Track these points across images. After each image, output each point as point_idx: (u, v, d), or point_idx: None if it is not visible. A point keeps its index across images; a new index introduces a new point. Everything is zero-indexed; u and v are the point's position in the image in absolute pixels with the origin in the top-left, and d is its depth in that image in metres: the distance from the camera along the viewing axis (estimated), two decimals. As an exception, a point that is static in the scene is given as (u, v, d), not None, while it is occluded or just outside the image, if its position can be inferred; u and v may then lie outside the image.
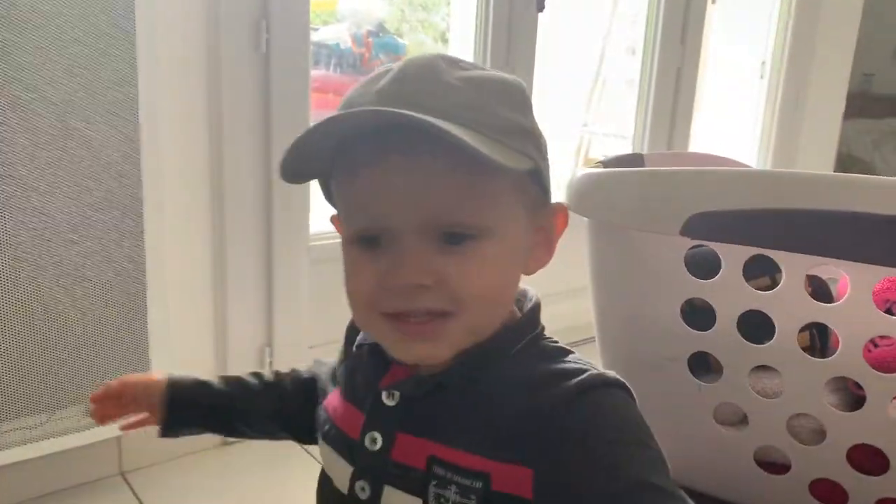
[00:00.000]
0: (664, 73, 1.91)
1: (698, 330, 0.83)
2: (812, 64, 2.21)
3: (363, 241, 0.53)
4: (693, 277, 0.81)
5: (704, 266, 0.82)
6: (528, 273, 0.59)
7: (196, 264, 1.46)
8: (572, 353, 0.57)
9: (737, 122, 2.25)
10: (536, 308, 0.59)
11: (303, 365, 0.72)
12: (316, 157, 0.54)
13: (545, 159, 0.57)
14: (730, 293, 0.79)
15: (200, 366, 1.54)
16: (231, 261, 1.45)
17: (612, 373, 0.54)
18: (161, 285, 1.27)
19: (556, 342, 0.59)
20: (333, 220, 0.62)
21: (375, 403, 0.58)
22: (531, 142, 0.55)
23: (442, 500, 0.55)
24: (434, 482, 0.55)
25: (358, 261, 0.54)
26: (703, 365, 0.86)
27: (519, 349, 0.56)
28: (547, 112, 2.00)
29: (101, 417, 0.68)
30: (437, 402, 0.57)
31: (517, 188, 0.55)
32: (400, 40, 2.30)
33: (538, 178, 0.57)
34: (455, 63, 0.56)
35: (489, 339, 0.55)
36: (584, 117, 2.76)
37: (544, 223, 0.58)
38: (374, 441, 0.57)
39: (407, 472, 0.56)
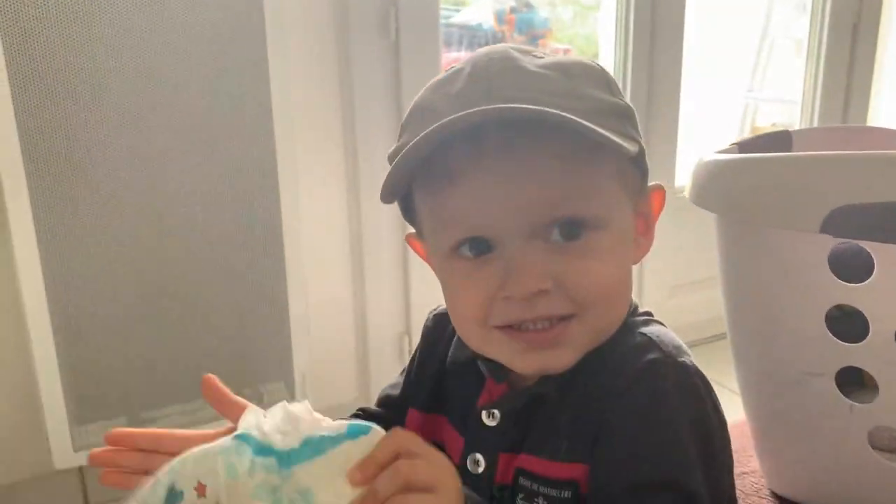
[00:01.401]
0: (837, 30, 1.69)
1: (848, 342, 0.71)
2: None
3: (471, 250, 0.51)
4: (840, 280, 0.69)
5: (855, 265, 0.70)
6: (634, 262, 0.55)
7: (335, 255, 1.51)
8: (650, 325, 0.54)
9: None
10: None
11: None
12: (405, 173, 0.52)
13: (641, 139, 0.54)
14: (885, 299, 0.67)
15: (341, 354, 1.58)
16: (368, 251, 1.47)
17: (681, 354, 0.51)
18: (300, 278, 1.31)
19: (645, 315, 0.56)
20: (410, 239, 0.60)
21: (476, 424, 0.56)
22: (629, 122, 0.52)
23: None
24: (521, 495, 0.53)
25: (463, 274, 0.52)
26: (854, 381, 0.74)
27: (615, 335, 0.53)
28: (707, 77, 1.85)
29: (103, 462, 0.51)
30: (535, 412, 0.54)
31: (620, 174, 0.52)
32: (542, 15, 2.22)
33: (640, 160, 0.53)
34: (528, 52, 0.52)
35: None
36: (749, 82, 2.54)
37: (644, 208, 0.55)
38: (477, 463, 0.55)
39: (503, 491, 0.54)
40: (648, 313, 0.57)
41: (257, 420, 0.42)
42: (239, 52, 1.11)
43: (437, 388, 0.61)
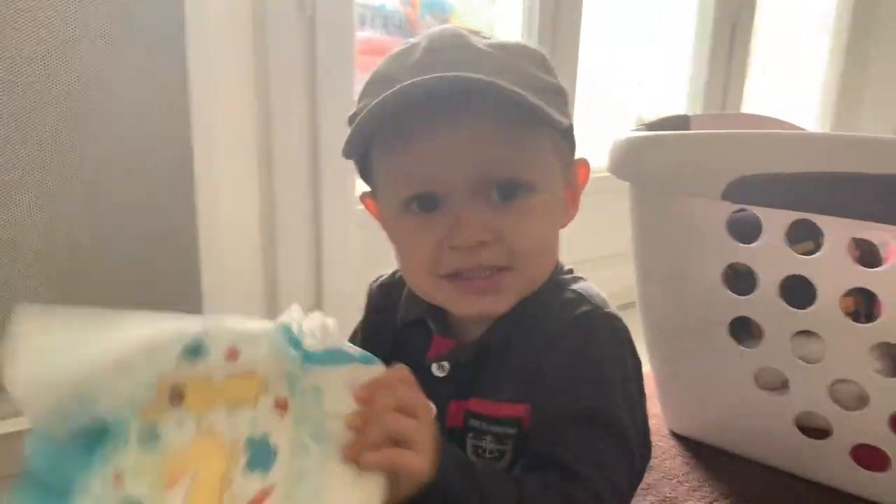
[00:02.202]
0: (720, 29, 1.86)
1: (740, 294, 0.82)
2: (877, 16, 2.11)
3: (419, 207, 0.56)
4: (735, 242, 0.80)
5: (748, 230, 0.81)
6: (562, 226, 0.62)
7: (246, 228, 1.50)
8: (578, 282, 0.61)
9: (796, 81, 2.18)
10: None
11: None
12: (364, 133, 0.56)
13: (571, 116, 0.60)
14: (772, 258, 0.79)
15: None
16: (280, 224, 1.48)
17: (607, 306, 0.58)
18: (213, 250, 1.31)
19: (570, 272, 0.63)
20: (364, 198, 0.64)
21: (426, 376, 0.60)
22: (562, 99, 0.58)
23: (479, 450, 0.58)
24: (470, 434, 0.59)
25: (413, 228, 0.57)
26: (744, 330, 0.86)
27: (543, 290, 0.60)
28: (598, 70, 1.96)
29: None
30: (480, 363, 0.60)
31: (554, 145, 0.58)
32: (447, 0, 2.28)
33: (570, 135, 0.60)
34: (475, 32, 0.58)
35: None
36: (639, 76, 2.69)
37: (572, 179, 0.62)
38: None
39: (452, 434, 0.59)
40: (571, 271, 0.64)
41: (299, 318, 0.45)
42: (153, 16, 1.10)
43: (393, 354, 0.65)
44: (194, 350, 0.44)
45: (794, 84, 2.19)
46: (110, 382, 0.43)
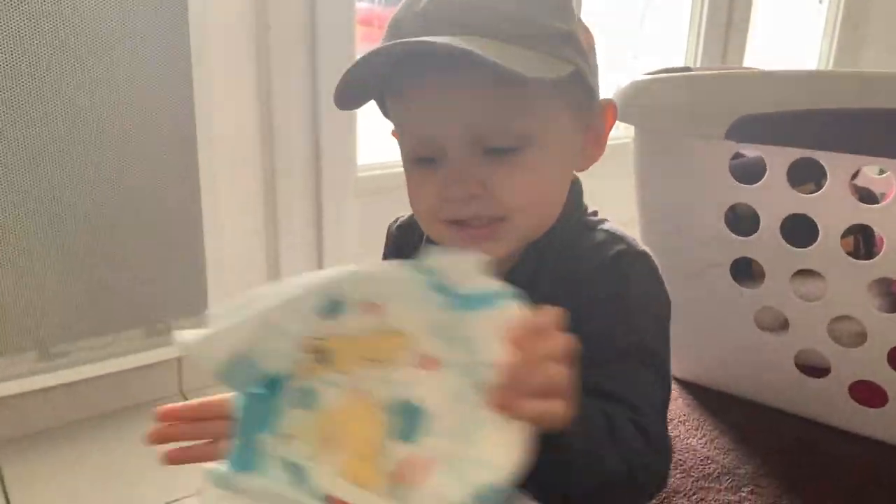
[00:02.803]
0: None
1: (742, 236, 0.83)
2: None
3: (421, 161, 0.57)
4: (737, 182, 0.82)
5: (750, 174, 0.82)
6: (580, 170, 0.62)
7: (248, 196, 1.51)
8: (605, 223, 0.61)
9: (795, 47, 2.18)
10: (577, 192, 0.62)
11: None
12: (367, 82, 0.56)
13: (589, 59, 0.58)
14: (774, 197, 0.80)
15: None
16: (281, 193, 1.49)
17: (639, 245, 0.59)
18: (216, 219, 1.31)
19: (595, 213, 0.63)
20: (394, 133, 0.65)
21: None
22: (571, 45, 0.57)
23: None
24: None
25: (418, 177, 0.58)
26: (745, 271, 0.87)
27: (565, 231, 0.60)
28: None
29: (160, 438, 0.54)
30: None
31: (558, 92, 0.57)
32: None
33: (581, 79, 0.58)
34: None
35: (545, 234, 0.59)
36: (634, 49, 2.69)
37: (592, 121, 0.61)
38: None
39: None
40: (596, 213, 0.64)
41: (447, 261, 0.43)
42: None
43: None
44: (330, 306, 0.43)
45: (792, 50, 2.19)
46: (262, 342, 0.43)
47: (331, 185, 1.44)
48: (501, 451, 0.39)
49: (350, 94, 0.57)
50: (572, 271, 0.58)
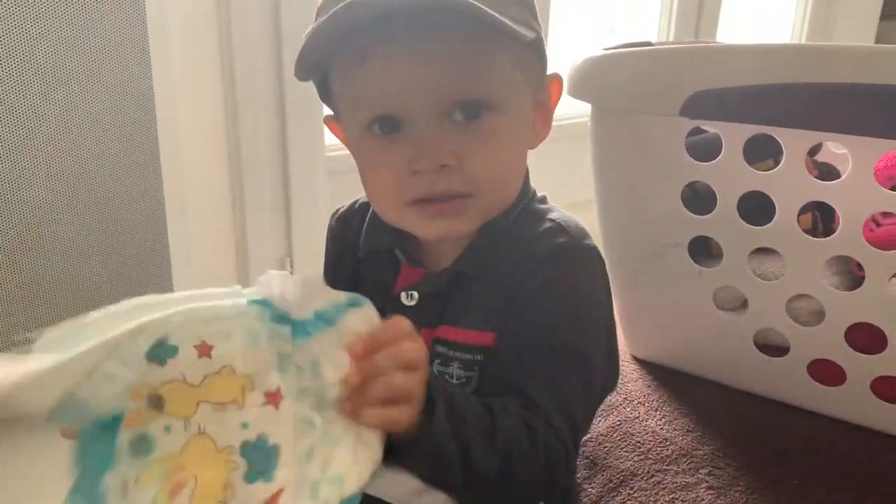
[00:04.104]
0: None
1: (699, 214, 0.82)
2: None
3: (381, 129, 0.54)
4: (694, 160, 0.80)
5: (710, 150, 0.81)
6: (532, 147, 0.60)
7: (213, 179, 1.48)
8: (555, 211, 0.59)
9: (767, 22, 2.17)
10: (525, 174, 0.60)
11: None
12: (318, 53, 0.54)
13: (540, 28, 0.57)
14: (730, 175, 0.78)
15: (222, 279, 1.58)
16: (248, 173, 1.46)
17: (584, 238, 0.57)
18: (179, 201, 1.29)
19: (543, 201, 0.61)
20: (329, 121, 0.62)
21: (395, 306, 0.59)
22: (529, 11, 0.55)
23: (446, 376, 0.57)
24: (437, 361, 0.58)
25: (375, 151, 0.55)
26: (703, 250, 0.86)
27: (516, 218, 0.58)
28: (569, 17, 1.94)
29: None
30: (450, 291, 0.59)
31: (520, 61, 0.55)
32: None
33: (538, 48, 0.56)
34: None
35: (498, 217, 0.57)
36: (609, 23, 2.67)
37: (542, 97, 0.59)
38: None
39: None
40: (545, 198, 0.62)
41: (281, 288, 0.42)
42: None
43: (354, 282, 0.64)
44: (160, 351, 0.40)
45: (765, 25, 2.18)
46: (91, 383, 0.39)
47: (298, 167, 1.42)
48: (352, 463, 0.40)
49: (308, 62, 0.54)
50: (515, 258, 0.56)
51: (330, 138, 1.39)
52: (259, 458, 0.40)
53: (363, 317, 0.43)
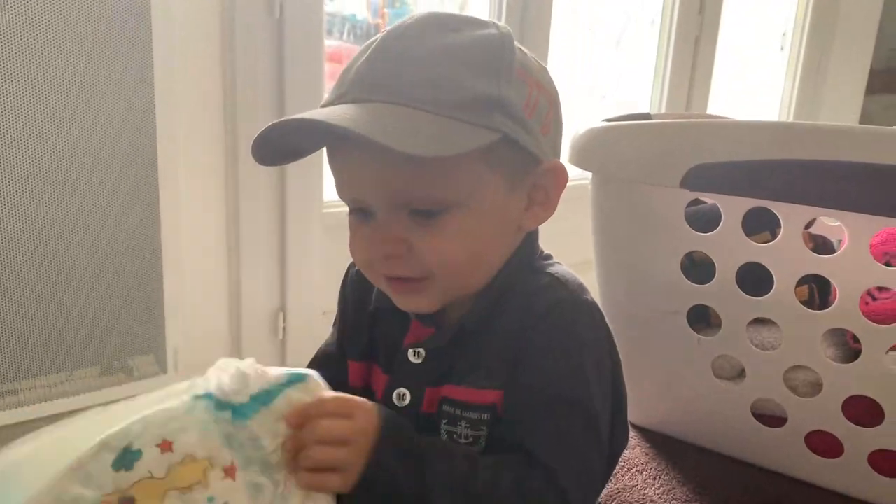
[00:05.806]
0: (682, 42, 1.89)
1: (698, 283, 0.83)
2: (834, 36, 2.17)
3: (355, 211, 0.58)
4: (693, 231, 0.82)
5: (706, 222, 0.83)
6: (527, 229, 0.60)
7: (210, 230, 1.48)
8: (553, 267, 0.60)
9: (756, 96, 2.23)
10: (532, 240, 0.61)
11: (318, 342, 0.72)
12: (298, 142, 0.57)
13: (522, 123, 0.55)
14: (729, 246, 0.80)
15: (215, 330, 1.57)
16: (245, 227, 1.47)
17: (583, 293, 0.58)
18: (176, 251, 1.29)
19: (548, 258, 0.62)
20: None
21: (402, 361, 0.61)
22: (499, 110, 0.54)
23: (454, 436, 0.58)
24: (445, 421, 0.58)
25: (355, 228, 0.58)
26: (702, 319, 0.87)
27: (513, 277, 0.59)
28: (562, 82, 1.98)
29: None
30: (457, 348, 0.59)
31: (488, 157, 0.54)
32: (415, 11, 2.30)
33: (513, 143, 0.55)
34: (444, 25, 0.56)
35: (497, 276, 0.59)
36: (602, 90, 2.73)
37: (539, 181, 0.58)
38: (403, 397, 0.60)
39: (428, 420, 0.59)
40: (550, 256, 0.63)
41: (218, 381, 0.47)
42: (121, 26, 1.09)
43: (368, 337, 0.65)
44: (126, 459, 0.44)
45: (755, 99, 2.24)
46: None
47: (295, 221, 1.42)
48: None
49: (266, 155, 0.57)
50: (516, 315, 0.57)
51: (328, 194, 1.41)
52: None
53: (305, 390, 0.49)
